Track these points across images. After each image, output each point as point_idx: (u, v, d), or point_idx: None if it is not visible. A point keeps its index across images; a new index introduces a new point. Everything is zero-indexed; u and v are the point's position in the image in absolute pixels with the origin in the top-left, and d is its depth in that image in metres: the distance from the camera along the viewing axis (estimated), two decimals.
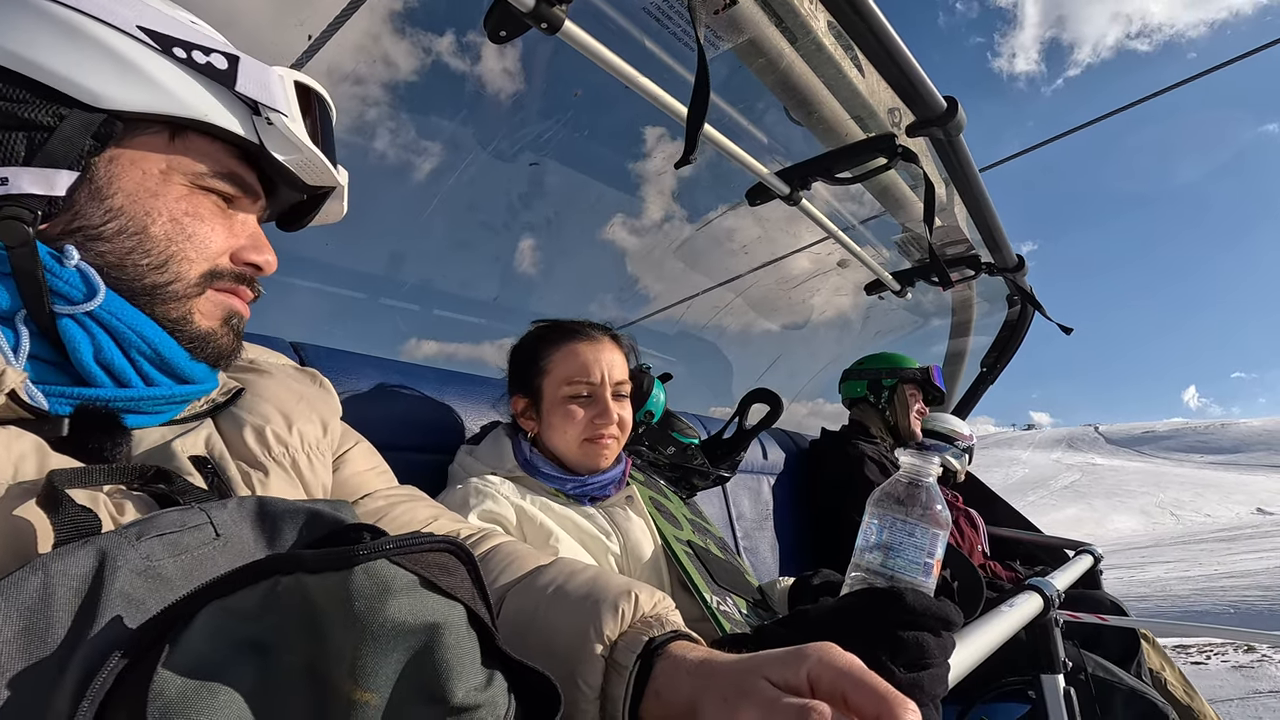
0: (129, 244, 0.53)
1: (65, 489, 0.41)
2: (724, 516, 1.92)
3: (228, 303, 0.59)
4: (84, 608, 0.35)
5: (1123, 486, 20.91)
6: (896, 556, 0.67)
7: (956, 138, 1.44)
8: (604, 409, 1.10)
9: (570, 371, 1.10)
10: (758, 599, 1.10)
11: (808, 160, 1.61)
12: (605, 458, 1.12)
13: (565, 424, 1.09)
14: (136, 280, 0.53)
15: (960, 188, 1.69)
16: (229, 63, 0.55)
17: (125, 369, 0.53)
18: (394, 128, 1.64)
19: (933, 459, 0.71)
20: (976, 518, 2.53)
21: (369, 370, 1.20)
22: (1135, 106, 2.42)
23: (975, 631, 0.90)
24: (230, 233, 0.59)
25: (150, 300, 0.54)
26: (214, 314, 0.58)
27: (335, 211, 0.70)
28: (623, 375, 1.16)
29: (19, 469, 0.44)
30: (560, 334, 1.15)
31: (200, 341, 0.57)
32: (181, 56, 0.53)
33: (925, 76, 1.27)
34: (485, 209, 1.99)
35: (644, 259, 2.45)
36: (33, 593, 0.33)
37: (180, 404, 0.58)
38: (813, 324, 3.11)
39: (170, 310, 0.55)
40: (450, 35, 1.46)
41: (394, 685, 0.34)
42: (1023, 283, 2.39)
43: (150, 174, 0.54)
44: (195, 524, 0.42)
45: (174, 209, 0.55)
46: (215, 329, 0.58)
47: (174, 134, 0.55)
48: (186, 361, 0.56)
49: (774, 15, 1.21)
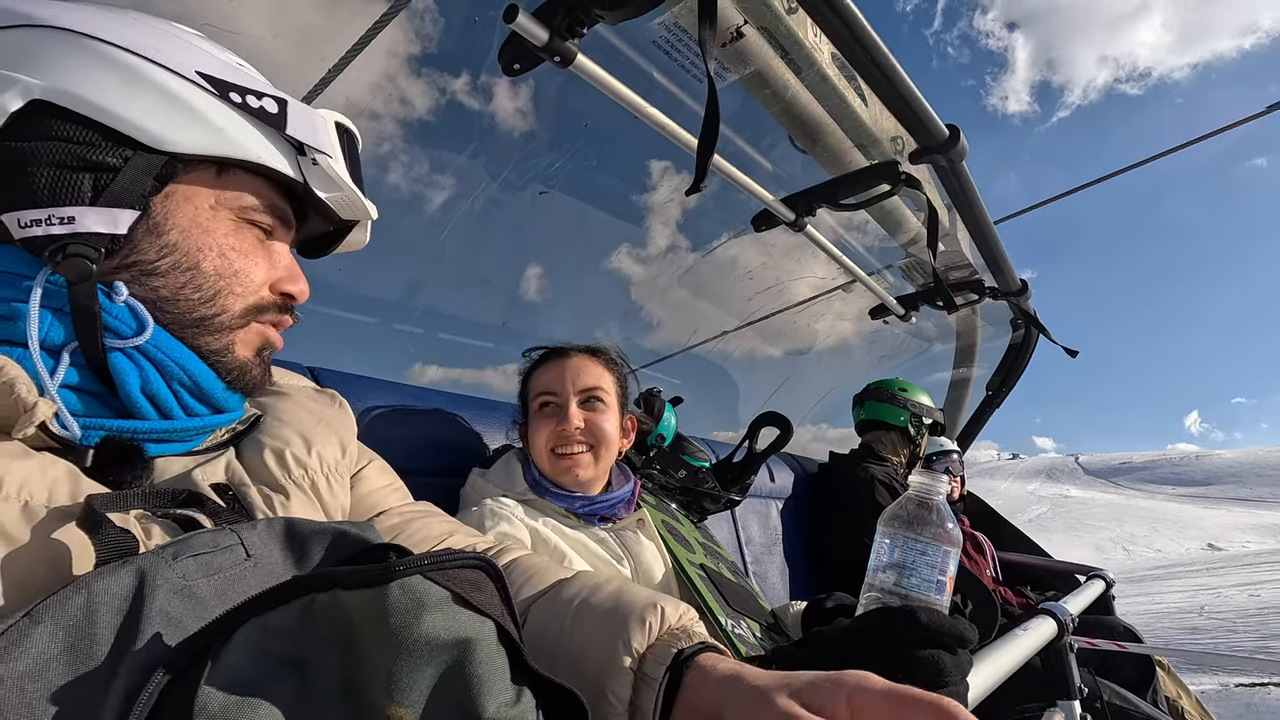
0: (182, 279, 0.55)
1: (103, 511, 0.43)
2: (733, 540, 1.91)
3: (266, 334, 0.61)
4: (125, 625, 0.36)
5: (1085, 520, 20.71)
6: (910, 575, 0.68)
7: (959, 164, 1.47)
8: (563, 415, 1.11)
9: (539, 386, 1.15)
10: (771, 622, 1.09)
11: (813, 187, 1.64)
12: (576, 471, 1.10)
13: (535, 437, 1.12)
14: (187, 314, 0.55)
15: (963, 213, 1.71)
16: (279, 106, 0.57)
17: (169, 400, 0.55)
18: (407, 160, 1.68)
19: (941, 477, 0.72)
20: (984, 542, 2.52)
21: (382, 394, 1.22)
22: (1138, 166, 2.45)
23: (990, 656, 0.89)
24: (270, 264, 0.61)
25: (196, 333, 0.56)
26: (252, 345, 0.60)
27: (358, 241, 0.72)
28: (592, 381, 1.15)
29: (53, 493, 0.45)
30: (544, 358, 1.19)
31: (238, 372, 0.59)
32: (237, 101, 0.55)
33: (927, 105, 1.30)
34: (494, 238, 2.02)
35: (649, 287, 2.48)
36: (77, 611, 0.34)
37: (207, 433, 0.59)
38: (817, 349, 3.13)
39: (213, 342, 0.57)
40: (464, 74, 1.50)
41: (427, 701, 0.35)
42: (1026, 306, 2.40)
43: (201, 209, 0.56)
44: (227, 545, 0.44)
45: (223, 244, 0.57)
46: (250, 359, 0.60)
47: (221, 169, 0.57)
48: (223, 392, 0.58)
49: (779, 47, 1.25)
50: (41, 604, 0.34)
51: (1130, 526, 19.13)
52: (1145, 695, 1.82)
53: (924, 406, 2.45)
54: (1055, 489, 39.42)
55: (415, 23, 1.41)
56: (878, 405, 2.47)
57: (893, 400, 2.44)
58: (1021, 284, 2.23)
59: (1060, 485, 44.46)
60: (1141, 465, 61.50)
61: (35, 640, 0.33)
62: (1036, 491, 31.67)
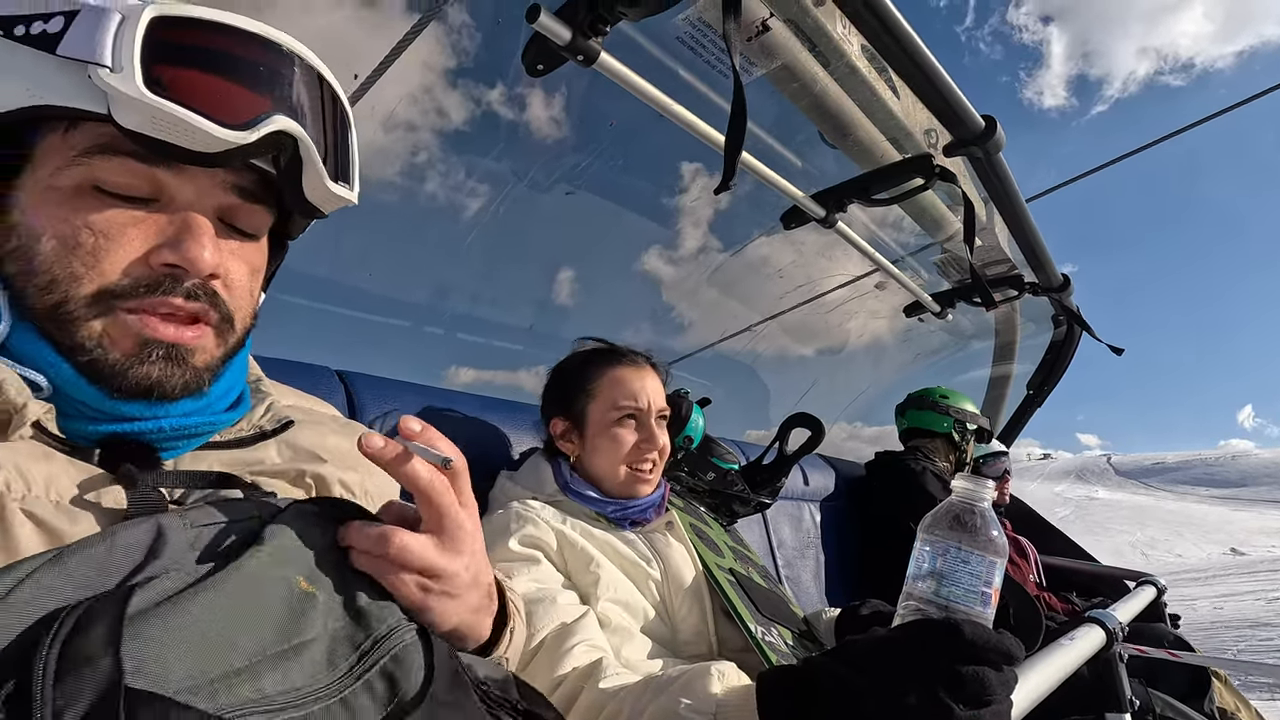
0: (24, 265, 0.47)
1: (141, 479, 0.46)
2: (764, 544, 1.88)
3: (138, 329, 0.47)
4: (136, 569, 0.40)
5: (1107, 523, 19.86)
6: (951, 585, 0.65)
7: (996, 156, 1.42)
8: (650, 434, 1.11)
9: (618, 396, 1.11)
10: (803, 630, 1.07)
11: (843, 183, 1.61)
12: (647, 483, 1.12)
13: (612, 448, 1.10)
14: (36, 305, 0.47)
15: (1001, 207, 1.66)
16: (65, 22, 0.43)
17: None
18: (435, 165, 1.69)
19: (987, 483, 0.69)
20: (1027, 546, 2.45)
21: (411, 397, 1.22)
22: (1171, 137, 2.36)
23: (1035, 667, 0.86)
24: (146, 237, 0.48)
25: (49, 327, 0.47)
26: (122, 342, 0.48)
27: (323, 195, 0.55)
28: (664, 403, 1.17)
29: (81, 490, 0.46)
30: (605, 358, 1.16)
31: (112, 376, 0.47)
32: (19, 34, 0.43)
33: (962, 96, 1.25)
34: (523, 238, 2.02)
35: (680, 288, 2.47)
36: (100, 553, 0.39)
37: (199, 434, 0.54)
38: (850, 348, 3.07)
39: (66, 337, 0.47)
40: (495, 81, 1.51)
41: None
42: (1068, 302, 2.32)
43: (40, 182, 0.47)
44: (245, 517, 0.46)
45: (67, 219, 0.46)
46: (126, 361, 0.47)
47: (69, 130, 0.46)
48: (104, 400, 0.48)
49: (807, 40, 1.22)
50: (69, 547, 0.38)
51: (1152, 530, 18.34)
52: (1200, 706, 1.74)
53: (967, 412, 2.41)
54: (1082, 490, 38.12)
55: (451, 36, 1.43)
56: (919, 414, 2.44)
57: (934, 407, 2.41)
58: (1063, 279, 2.15)
59: (1088, 486, 43.07)
60: (1174, 465, 59.19)
61: (55, 576, 0.37)
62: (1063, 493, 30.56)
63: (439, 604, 0.48)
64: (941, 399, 2.43)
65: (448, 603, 0.49)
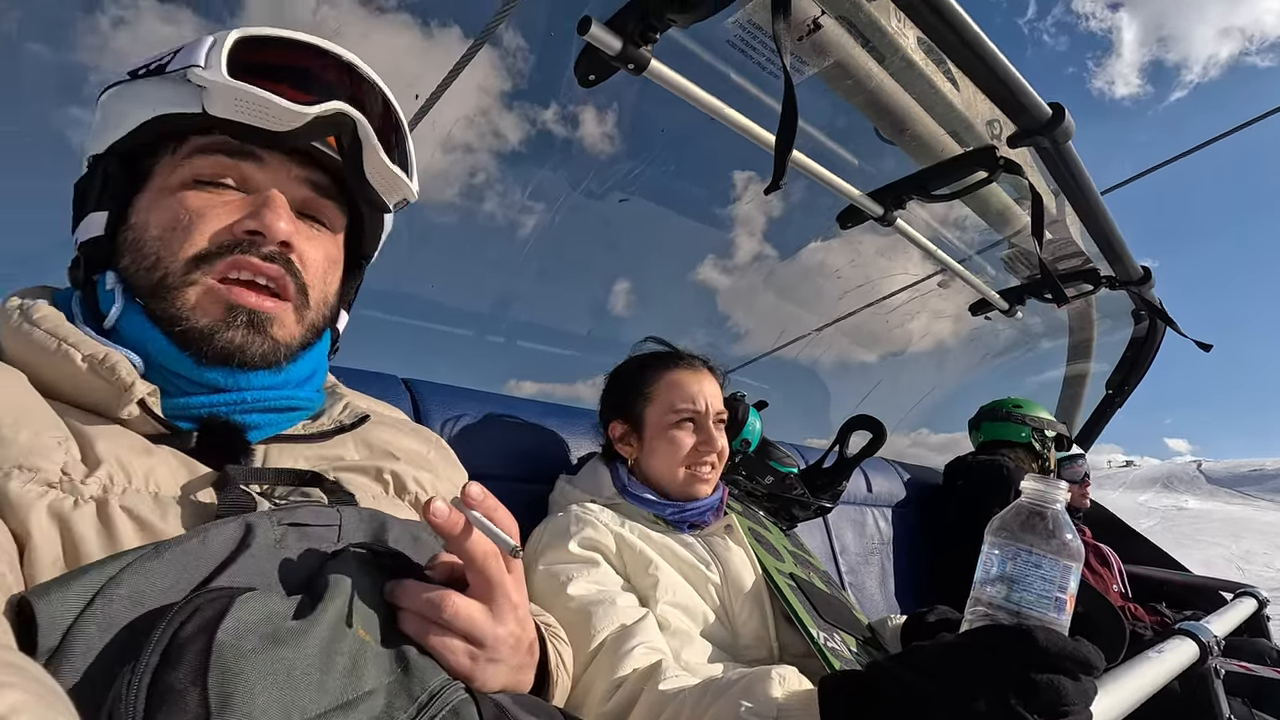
0: (136, 255, 0.55)
1: (235, 479, 0.51)
2: (826, 549, 1.85)
3: (225, 297, 0.54)
4: (223, 564, 0.43)
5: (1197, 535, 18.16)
6: (1022, 590, 0.62)
7: (1065, 145, 1.36)
8: (709, 437, 1.11)
9: (676, 399, 1.12)
10: (868, 637, 1.04)
11: (902, 179, 1.57)
12: (706, 483, 1.12)
13: (670, 450, 1.10)
14: (143, 286, 0.55)
15: (1072, 198, 1.59)
16: (173, 54, 0.55)
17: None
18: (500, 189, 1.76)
19: (1059, 484, 0.66)
20: (1109, 554, 2.32)
21: (473, 404, 1.26)
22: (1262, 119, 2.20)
23: (1119, 679, 0.81)
24: (229, 214, 0.56)
25: (152, 303, 0.54)
26: (211, 309, 0.54)
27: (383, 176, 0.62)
28: (721, 406, 1.17)
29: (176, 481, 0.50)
30: (662, 361, 1.17)
31: (200, 341, 0.54)
32: (140, 73, 0.56)
33: (1026, 84, 1.21)
34: (579, 249, 2.06)
35: (735, 296, 2.46)
36: (194, 547, 0.43)
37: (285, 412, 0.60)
38: (912, 350, 2.98)
39: (166, 307, 0.54)
40: (548, 99, 1.55)
41: None
42: (1149, 296, 2.19)
43: (156, 190, 0.57)
44: (328, 523, 0.49)
45: (171, 210, 0.55)
46: (214, 326, 0.54)
47: (176, 148, 0.57)
48: (192, 369, 0.54)
49: (860, 36, 1.20)
50: (167, 541, 0.42)
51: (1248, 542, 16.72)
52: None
53: (1044, 420, 2.32)
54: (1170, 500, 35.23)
55: (506, 60, 1.47)
56: (994, 425, 2.37)
57: (1009, 418, 2.33)
58: (1143, 271, 2.03)
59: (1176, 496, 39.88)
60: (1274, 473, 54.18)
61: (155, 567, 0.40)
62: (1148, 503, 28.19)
63: (483, 671, 0.49)
64: (1015, 409, 2.35)
65: (491, 668, 0.49)
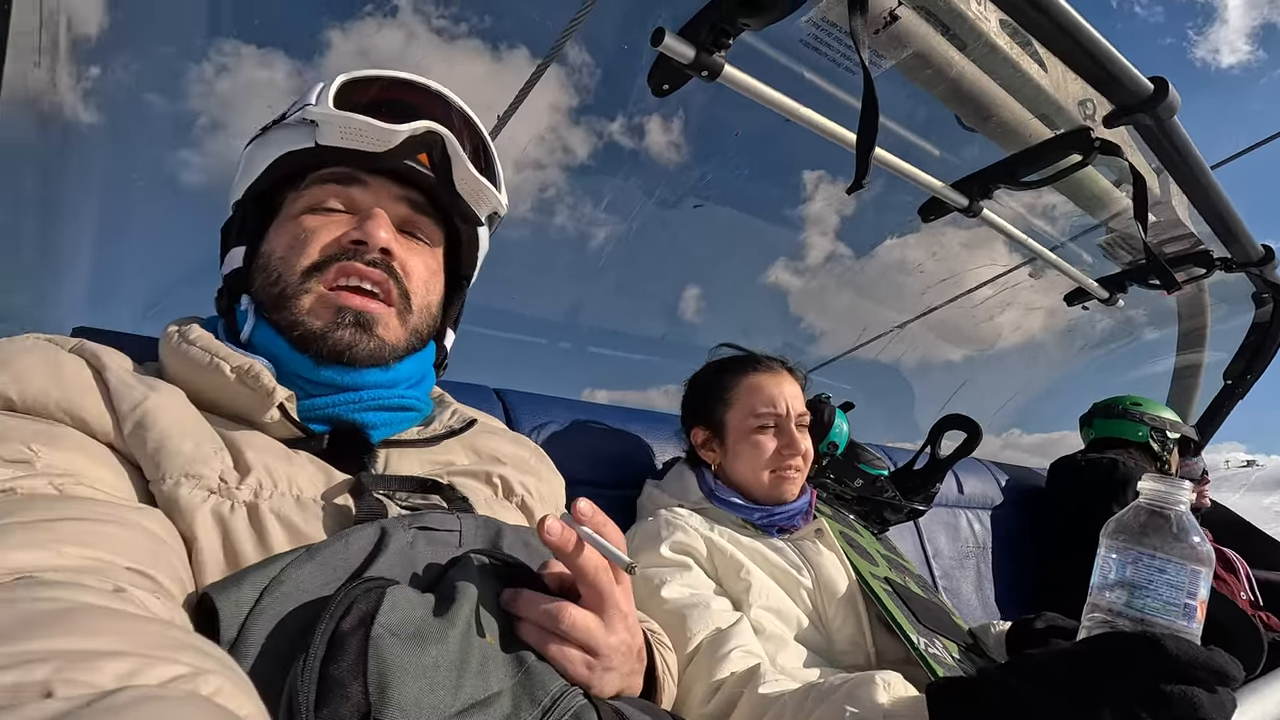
0: (262, 277, 0.64)
1: (369, 486, 0.57)
2: (919, 554, 1.79)
3: (334, 301, 0.61)
4: (364, 564, 0.48)
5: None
6: (1146, 596, 0.59)
7: (1169, 121, 1.27)
8: (791, 439, 1.10)
9: (756, 403, 1.11)
10: (969, 643, 1.00)
11: (988, 167, 1.51)
12: (791, 488, 1.11)
13: (753, 455, 1.10)
14: (267, 300, 0.63)
15: (1179, 177, 1.48)
16: (291, 106, 0.66)
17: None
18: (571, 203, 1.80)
19: (1182, 483, 0.62)
20: (1235, 559, 2.14)
21: (560, 411, 1.29)
22: None
23: (1260, 692, 0.75)
24: (339, 228, 0.64)
25: (275, 313, 0.62)
26: (323, 313, 0.61)
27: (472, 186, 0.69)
28: (803, 408, 1.15)
29: (315, 484, 0.56)
30: (740, 366, 1.17)
31: (315, 341, 0.60)
32: (270, 126, 0.66)
33: (1123, 59, 1.14)
34: (653, 256, 2.08)
35: (809, 298, 2.42)
36: (340, 548, 0.47)
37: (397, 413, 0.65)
38: (1002, 345, 2.85)
39: (286, 315, 0.61)
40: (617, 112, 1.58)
41: None
42: (1272, 277, 2.01)
43: (279, 220, 0.66)
44: (450, 529, 0.54)
45: (292, 234, 0.64)
46: (325, 327, 0.61)
47: (297, 183, 0.66)
48: (311, 369, 0.61)
49: (939, 24, 1.17)
50: (318, 544, 0.47)
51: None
52: None
53: (1166, 420, 2.16)
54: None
55: (574, 77, 1.52)
56: (1108, 422, 2.22)
57: (1126, 415, 2.18)
58: (1265, 251, 1.87)
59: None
60: None
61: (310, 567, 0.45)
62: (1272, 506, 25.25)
63: (599, 679, 0.51)
64: (1133, 405, 2.19)
65: (606, 676, 0.52)
